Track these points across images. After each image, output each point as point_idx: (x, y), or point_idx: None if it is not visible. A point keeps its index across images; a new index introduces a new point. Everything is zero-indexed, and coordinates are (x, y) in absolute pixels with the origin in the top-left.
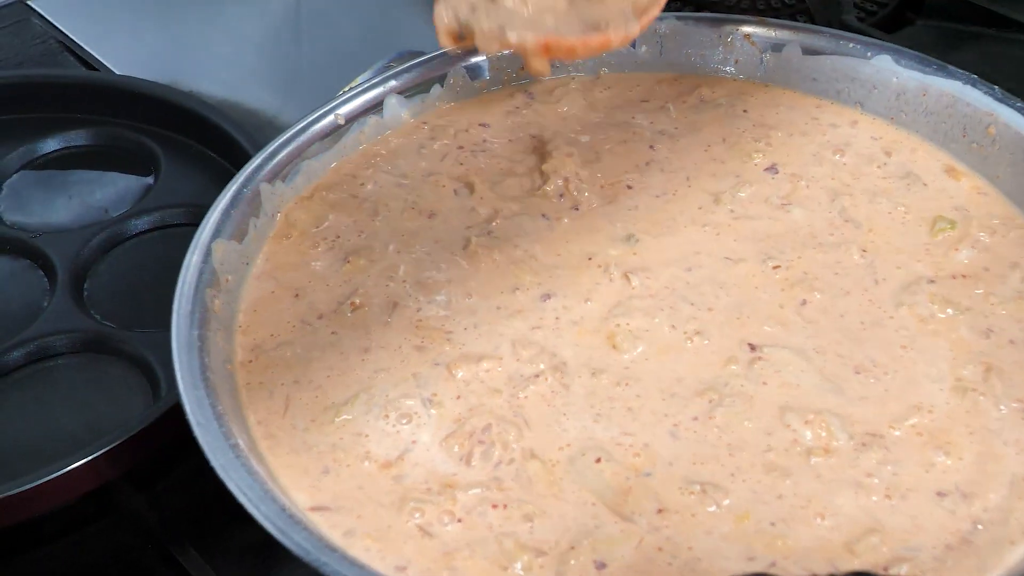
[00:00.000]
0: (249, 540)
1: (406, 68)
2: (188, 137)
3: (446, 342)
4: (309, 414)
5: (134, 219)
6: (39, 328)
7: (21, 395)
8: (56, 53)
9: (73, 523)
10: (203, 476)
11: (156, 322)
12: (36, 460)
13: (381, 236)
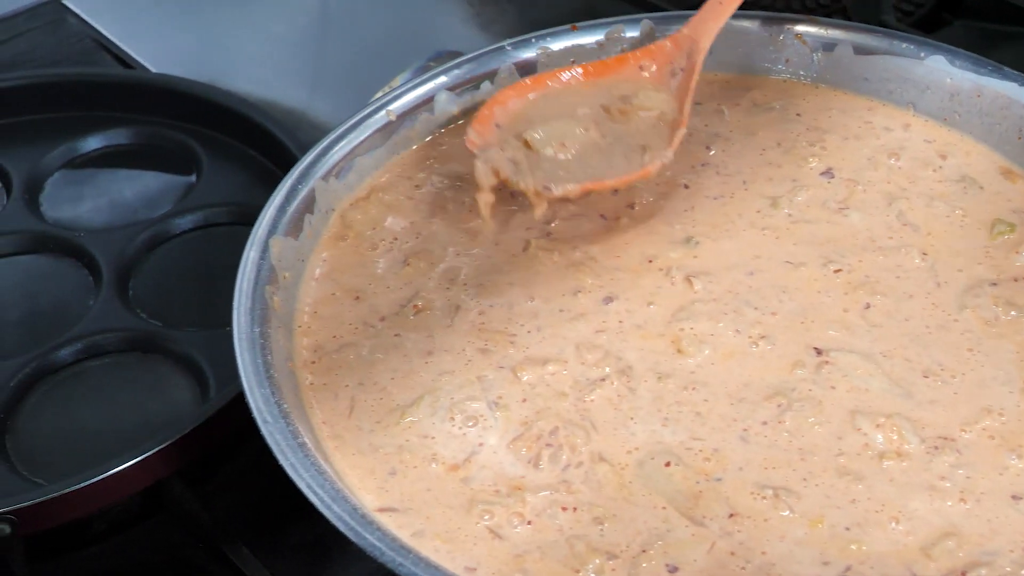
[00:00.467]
0: (301, 539)
1: (456, 64)
2: (229, 136)
3: (510, 345)
4: (374, 416)
5: (177, 218)
6: (86, 326)
7: (69, 392)
8: (92, 52)
9: (123, 520)
10: (252, 474)
11: (202, 321)
12: (86, 458)
13: (439, 238)
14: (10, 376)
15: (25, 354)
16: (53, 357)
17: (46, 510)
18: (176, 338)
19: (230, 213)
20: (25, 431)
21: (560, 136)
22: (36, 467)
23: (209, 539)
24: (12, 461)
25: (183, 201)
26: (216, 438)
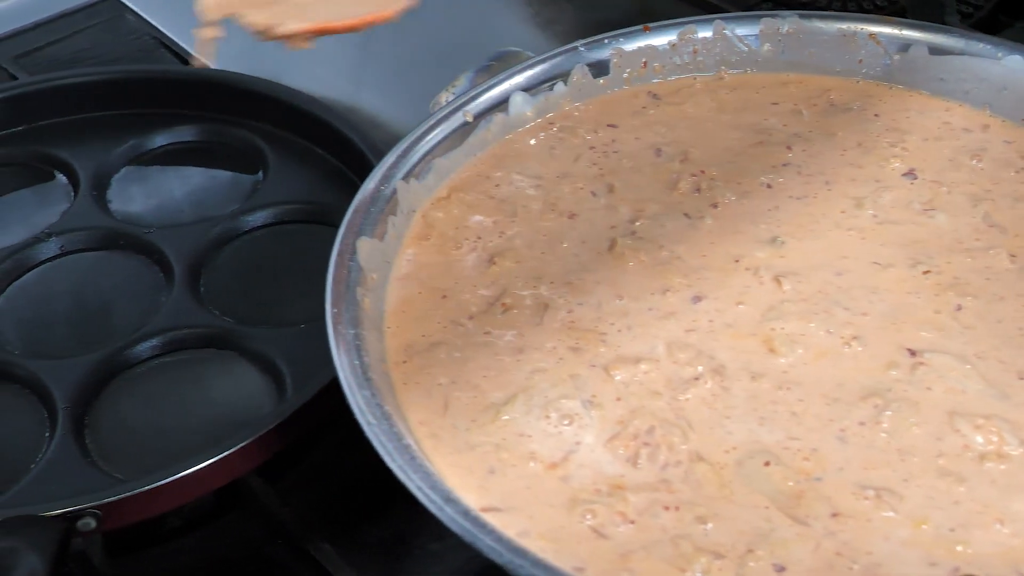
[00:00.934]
0: (380, 536)
1: (529, 65)
2: (296, 133)
3: (601, 344)
4: (469, 414)
5: (246, 215)
6: (161, 323)
7: (146, 388)
8: (152, 49)
9: (196, 516)
10: (326, 471)
11: (275, 318)
12: (165, 454)
13: (523, 237)
14: (88, 371)
15: (101, 349)
16: (129, 353)
17: (130, 506)
18: (251, 335)
19: (299, 211)
20: (103, 426)
21: None
22: (115, 462)
23: (290, 535)
24: (92, 456)
25: (251, 199)
26: (296, 435)
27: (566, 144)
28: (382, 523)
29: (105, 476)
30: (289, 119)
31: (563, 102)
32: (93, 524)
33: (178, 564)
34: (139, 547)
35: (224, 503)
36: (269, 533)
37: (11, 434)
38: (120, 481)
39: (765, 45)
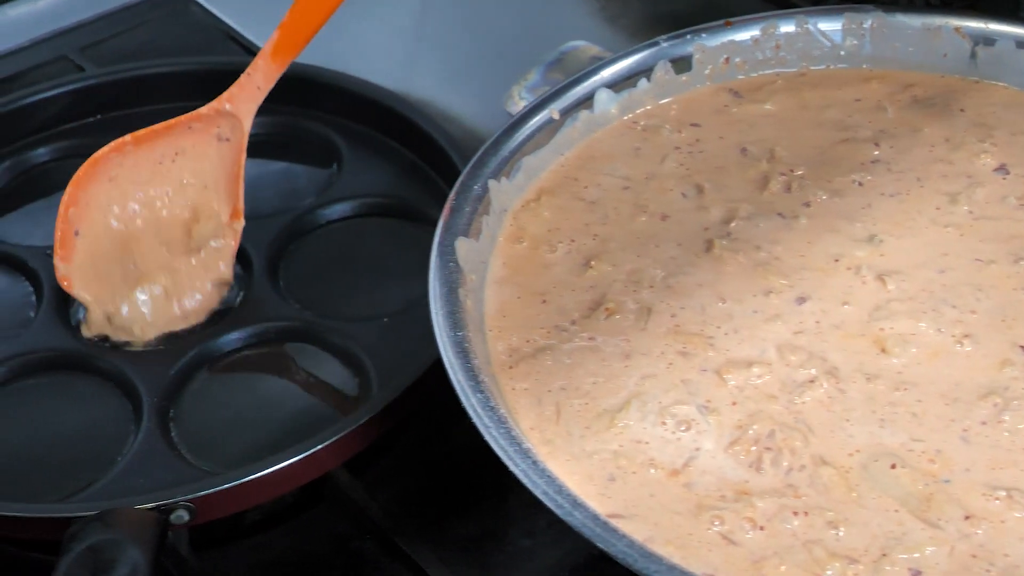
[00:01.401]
0: (467, 532)
1: (613, 60)
2: (370, 127)
3: (709, 347)
4: (583, 421)
5: (322, 208)
6: (243, 316)
7: (230, 381)
8: (218, 41)
9: (280, 510)
10: (408, 466)
11: (356, 312)
12: (252, 448)
13: (617, 240)
14: (173, 363)
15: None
16: (213, 345)
17: (223, 499)
18: (333, 329)
19: (375, 205)
20: (188, 419)
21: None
22: (201, 455)
23: (380, 530)
24: (179, 449)
25: (326, 192)
26: (384, 431)
27: (651, 144)
28: (469, 518)
29: (194, 469)
30: (364, 112)
31: (646, 99)
32: (187, 517)
33: (265, 559)
34: (222, 541)
35: (308, 497)
36: (356, 527)
37: (96, 427)
38: (210, 474)
39: (847, 40)
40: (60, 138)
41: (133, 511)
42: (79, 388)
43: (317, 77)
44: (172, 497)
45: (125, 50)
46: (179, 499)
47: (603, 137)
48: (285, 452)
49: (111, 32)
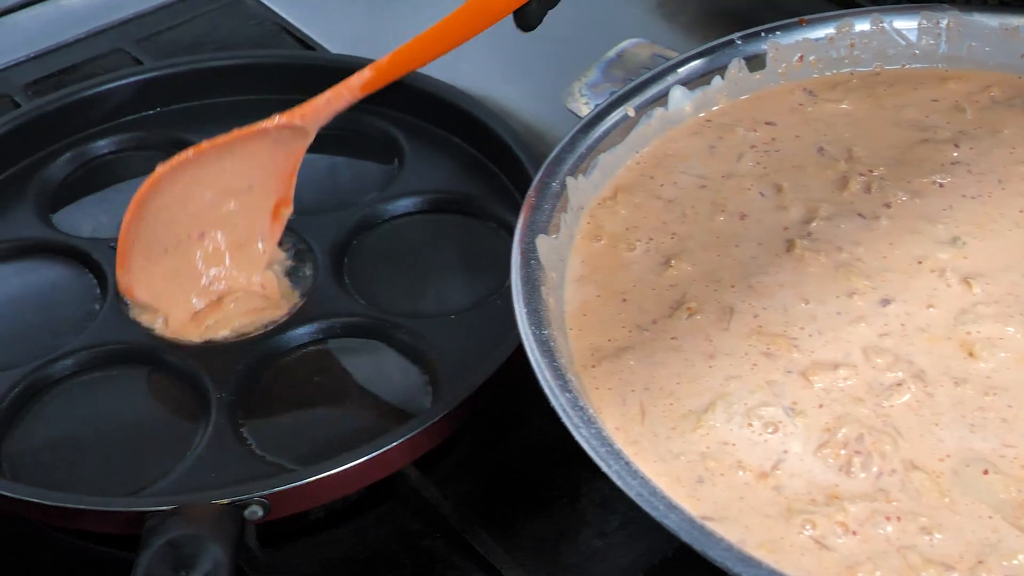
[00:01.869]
0: (539, 530)
1: (687, 57)
2: (431, 122)
3: (793, 349)
4: (668, 422)
5: (385, 203)
6: (311, 311)
7: (297, 377)
8: (273, 34)
9: (344, 507)
10: (473, 464)
11: (424, 309)
12: (322, 444)
13: (696, 239)
14: (241, 358)
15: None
16: (280, 340)
17: (297, 496)
18: (399, 325)
19: (438, 200)
20: (257, 414)
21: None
22: (271, 450)
23: (451, 527)
24: (248, 444)
25: (389, 187)
26: (453, 428)
27: (726, 142)
28: (539, 518)
29: (265, 465)
30: (425, 107)
31: (719, 97)
32: (261, 513)
33: (334, 555)
34: (288, 537)
35: (373, 493)
36: (427, 525)
37: (164, 421)
38: (283, 470)
39: (923, 39)
40: (120, 130)
41: (211, 506)
42: (146, 382)
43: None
44: (247, 493)
45: (181, 43)
46: (254, 495)
47: (677, 135)
48: (360, 449)
49: (167, 24)
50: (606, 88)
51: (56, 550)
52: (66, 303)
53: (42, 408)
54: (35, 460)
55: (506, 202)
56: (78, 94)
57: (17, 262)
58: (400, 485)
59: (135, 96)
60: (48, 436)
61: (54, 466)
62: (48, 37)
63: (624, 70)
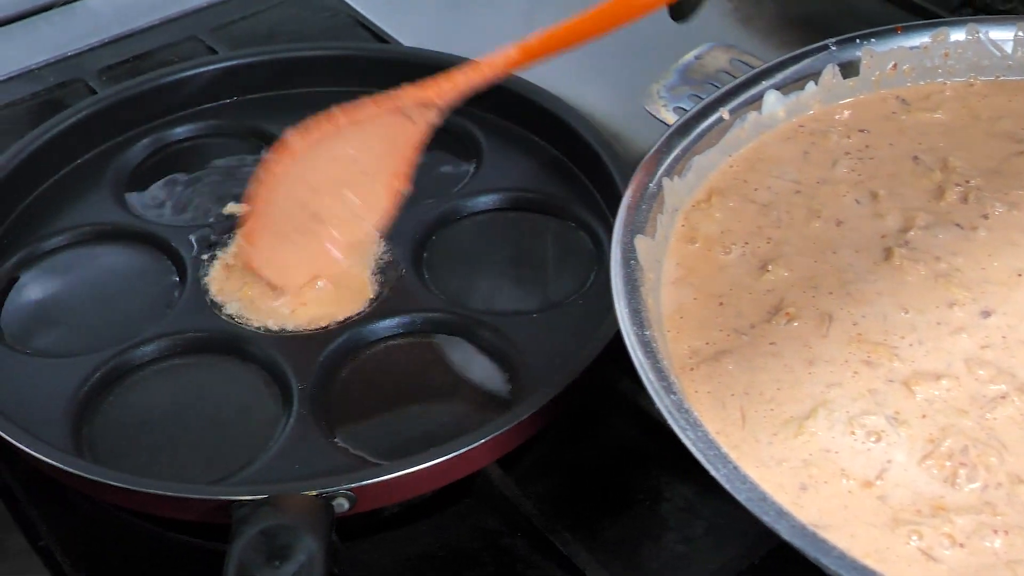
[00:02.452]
0: (621, 533)
1: (782, 62)
2: (511, 120)
3: (894, 358)
4: (770, 427)
5: (464, 200)
6: (392, 305)
7: (378, 370)
8: (347, 27)
9: (423, 504)
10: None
11: (504, 307)
12: (404, 438)
13: (792, 244)
14: (322, 349)
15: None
16: (361, 332)
17: (383, 490)
18: (482, 322)
19: (517, 199)
20: (338, 405)
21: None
22: (354, 442)
23: (533, 528)
24: (331, 436)
25: (468, 184)
26: (538, 427)
27: (819, 148)
28: (621, 520)
29: (349, 457)
30: (505, 105)
31: (813, 103)
32: (347, 506)
33: (413, 552)
34: (366, 532)
35: (449, 490)
36: (507, 524)
37: (245, 409)
38: (367, 463)
39: (1019, 51)
40: (198, 118)
41: (301, 497)
42: (227, 370)
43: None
44: (335, 484)
45: (254, 33)
46: (342, 487)
47: (771, 140)
48: (447, 445)
49: (240, 14)
50: (684, 91)
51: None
52: (144, 289)
53: (122, 394)
54: (115, 445)
55: (587, 203)
56: (158, 80)
57: (95, 246)
58: (480, 483)
59: (214, 84)
60: (128, 422)
61: (134, 452)
62: (121, 23)
63: (703, 73)
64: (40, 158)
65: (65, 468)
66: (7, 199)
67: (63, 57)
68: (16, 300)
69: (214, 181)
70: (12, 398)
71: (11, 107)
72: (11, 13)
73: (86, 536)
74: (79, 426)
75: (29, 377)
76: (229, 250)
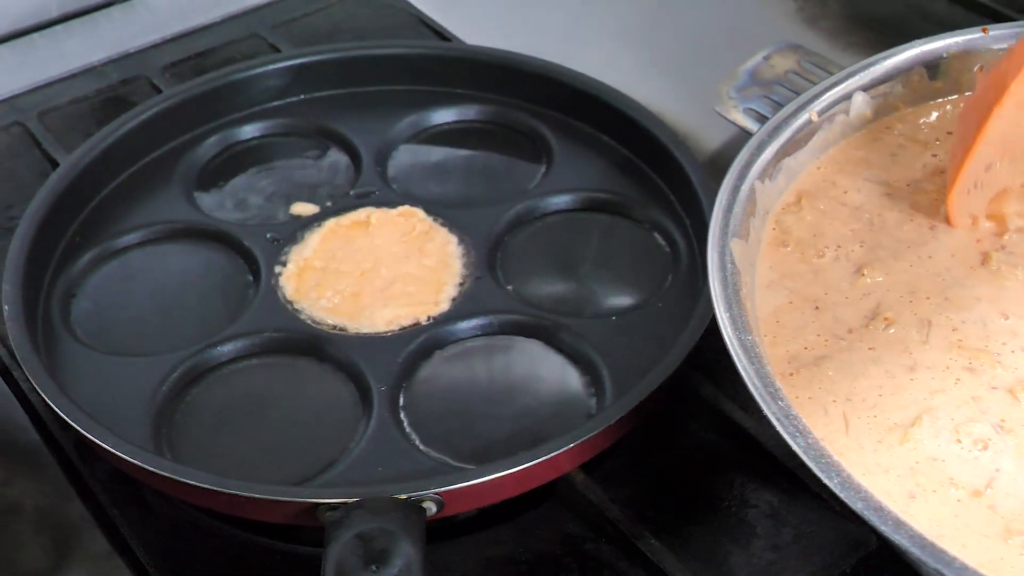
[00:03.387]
0: (707, 540)
1: (870, 63)
2: (582, 120)
3: (996, 364)
4: (874, 435)
5: (537, 201)
6: (468, 307)
7: (457, 371)
8: (410, 25)
9: (501, 507)
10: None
11: (583, 310)
12: (485, 442)
13: (886, 247)
14: (401, 350)
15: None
16: (439, 334)
17: (470, 494)
18: (561, 325)
19: (591, 200)
20: (418, 408)
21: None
22: (433, 446)
23: (619, 533)
24: (412, 438)
25: (540, 185)
26: (622, 433)
27: (908, 151)
28: (705, 526)
29: (432, 460)
30: (575, 104)
31: (899, 104)
32: (434, 510)
33: (497, 555)
34: (446, 535)
35: (530, 494)
36: (590, 529)
37: (324, 412)
38: (449, 467)
39: None
40: (266, 116)
41: (393, 500)
42: (304, 371)
43: (528, 67)
44: (424, 488)
45: (316, 30)
46: (430, 491)
47: (858, 141)
48: (535, 450)
49: (302, 11)
50: (754, 92)
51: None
52: (218, 288)
53: (201, 394)
54: (195, 446)
55: (660, 204)
56: (227, 78)
57: (167, 244)
58: (562, 487)
59: (282, 82)
60: (206, 423)
61: (213, 453)
62: (181, 20)
63: (772, 74)
64: (111, 155)
65: (153, 469)
66: (80, 196)
67: (125, 54)
68: (90, 298)
69: (281, 180)
70: (92, 398)
71: (76, 103)
72: (73, 9)
73: (167, 538)
74: (159, 426)
75: (107, 377)
76: (301, 249)
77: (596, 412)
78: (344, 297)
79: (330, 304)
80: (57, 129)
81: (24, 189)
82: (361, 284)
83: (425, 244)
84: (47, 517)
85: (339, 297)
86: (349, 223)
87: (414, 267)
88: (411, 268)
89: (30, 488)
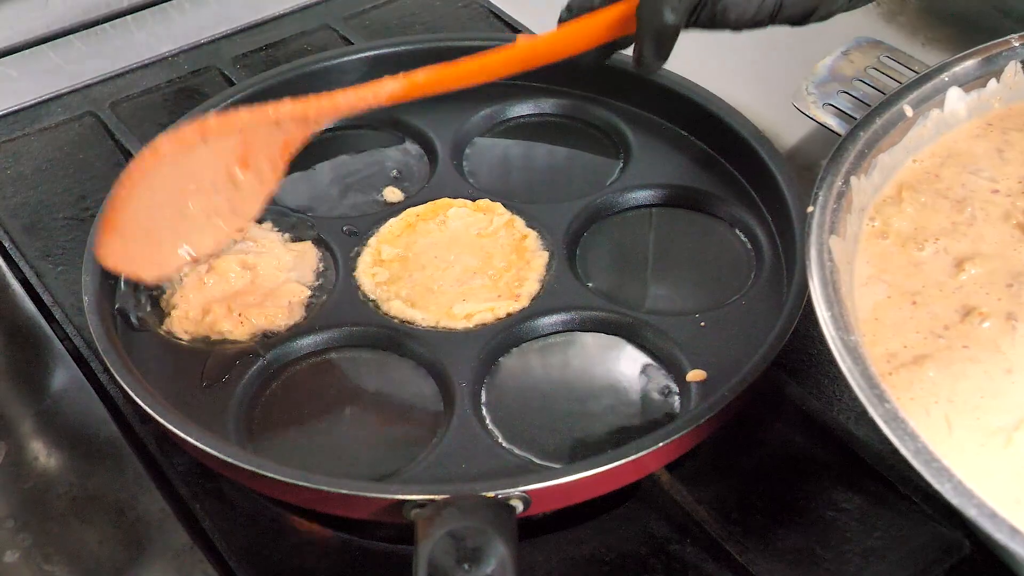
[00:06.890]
0: (794, 543)
1: (963, 58)
2: (660, 115)
3: None
4: (976, 438)
5: (616, 196)
6: (551, 302)
7: (536, 368)
8: (481, 17)
9: (582, 506)
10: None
11: (666, 308)
12: (571, 440)
13: (988, 243)
14: (482, 346)
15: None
16: (520, 330)
17: (557, 493)
18: (644, 323)
19: (670, 195)
20: (499, 405)
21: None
22: (516, 444)
23: (705, 534)
24: (494, 436)
25: (618, 180)
26: (711, 432)
27: (1015, 148)
28: (794, 529)
29: (516, 458)
30: (654, 99)
31: (994, 101)
32: (521, 508)
33: (580, 554)
34: (529, 533)
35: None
36: (674, 529)
37: (405, 407)
38: (533, 465)
39: None
40: None
41: (483, 498)
42: (384, 365)
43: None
44: (511, 486)
45: (388, 23)
46: (518, 489)
47: (959, 137)
48: (622, 449)
49: (372, 3)
50: (834, 87)
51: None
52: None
53: (281, 388)
54: (276, 441)
55: (742, 200)
56: (302, 69)
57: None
58: (646, 486)
59: (356, 74)
60: (288, 417)
61: (294, 447)
62: (254, 11)
63: (852, 70)
64: None
65: (239, 464)
66: None
67: (196, 45)
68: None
69: (354, 172)
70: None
71: (148, 93)
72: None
73: (247, 531)
74: (239, 420)
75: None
76: (377, 242)
77: (679, 411)
78: (423, 291)
79: (409, 298)
80: (129, 119)
81: (97, 180)
82: (440, 278)
83: (504, 238)
84: (127, 510)
85: (418, 291)
86: (427, 216)
87: (494, 261)
88: (491, 262)
89: (110, 481)
